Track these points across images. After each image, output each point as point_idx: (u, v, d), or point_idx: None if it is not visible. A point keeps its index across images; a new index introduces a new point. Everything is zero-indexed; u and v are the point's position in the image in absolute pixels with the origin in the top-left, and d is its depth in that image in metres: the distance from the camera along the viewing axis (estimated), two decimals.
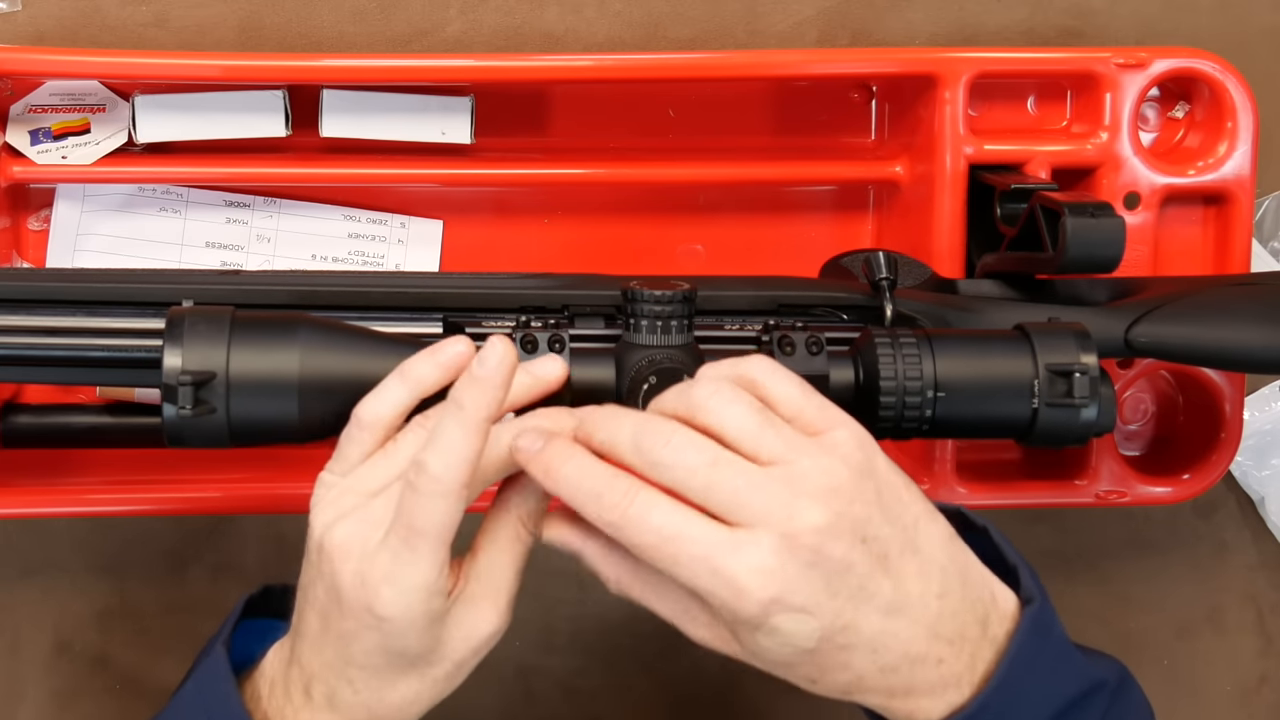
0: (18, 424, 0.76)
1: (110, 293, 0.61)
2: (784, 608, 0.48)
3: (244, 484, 0.75)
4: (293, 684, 0.54)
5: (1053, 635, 0.54)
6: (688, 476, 0.48)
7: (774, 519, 0.48)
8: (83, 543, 0.82)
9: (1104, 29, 0.82)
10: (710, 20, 0.80)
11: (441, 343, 0.54)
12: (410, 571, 0.50)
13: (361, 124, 0.75)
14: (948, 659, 0.51)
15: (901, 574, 0.50)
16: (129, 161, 0.76)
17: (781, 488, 0.48)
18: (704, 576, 0.48)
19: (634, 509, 0.48)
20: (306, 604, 0.53)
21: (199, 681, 0.56)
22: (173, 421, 0.54)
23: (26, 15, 0.77)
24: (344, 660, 0.52)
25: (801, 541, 0.48)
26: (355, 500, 0.52)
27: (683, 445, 0.49)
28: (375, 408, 0.53)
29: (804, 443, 0.50)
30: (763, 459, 0.49)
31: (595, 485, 0.49)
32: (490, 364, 0.49)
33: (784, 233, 0.82)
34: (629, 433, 0.50)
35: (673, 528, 0.48)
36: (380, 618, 0.50)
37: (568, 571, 0.84)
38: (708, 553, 0.48)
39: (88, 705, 0.83)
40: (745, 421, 0.50)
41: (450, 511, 0.49)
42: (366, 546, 0.50)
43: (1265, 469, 0.86)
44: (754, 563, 0.47)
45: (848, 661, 0.50)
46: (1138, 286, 0.71)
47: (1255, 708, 0.89)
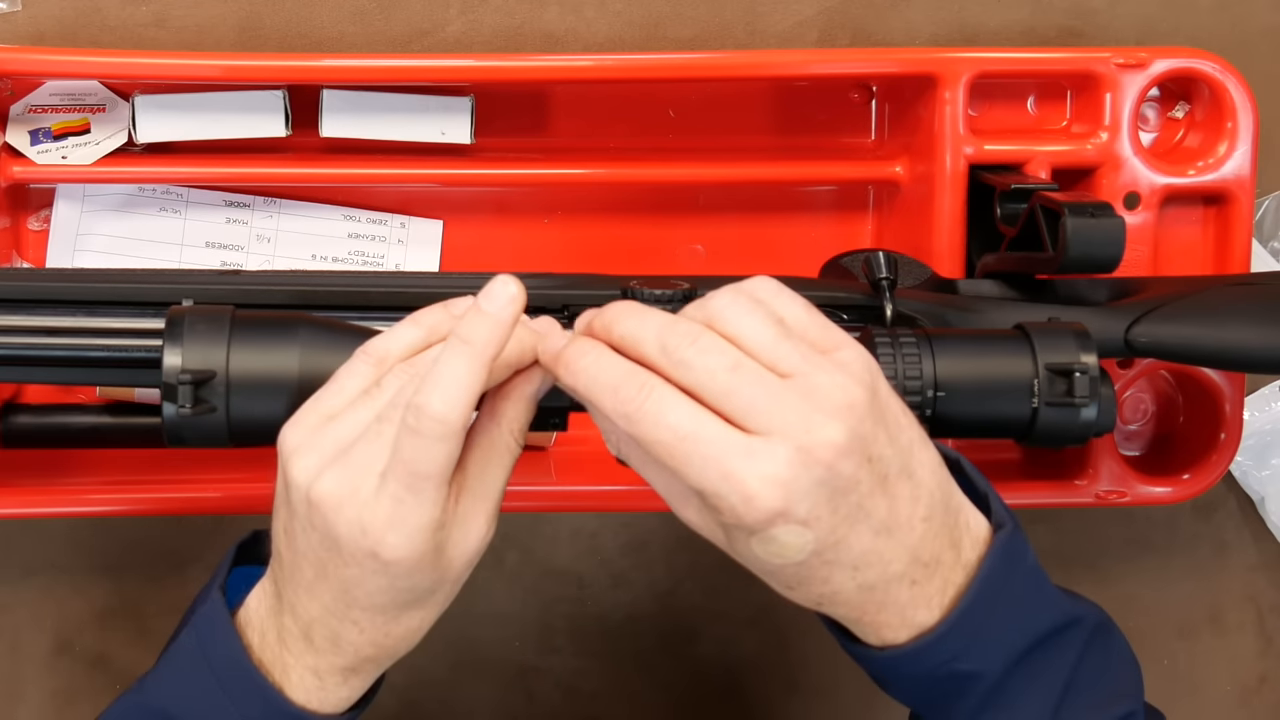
0: (18, 424, 0.76)
1: (110, 293, 0.61)
2: (787, 519, 0.48)
3: (244, 484, 0.75)
4: (287, 632, 0.54)
5: (1024, 562, 0.54)
6: (709, 378, 0.48)
7: (792, 430, 0.47)
8: (83, 543, 0.82)
9: (1104, 29, 0.82)
10: (710, 20, 0.80)
11: (454, 299, 0.54)
12: (415, 515, 0.49)
13: (361, 124, 0.76)
14: (921, 580, 0.51)
15: (896, 495, 0.50)
16: (129, 161, 0.76)
17: (800, 400, 0.48)
18: (714, 479, 0.47)
19: (650, 403, 0.48)
20: (296, 553, 0.53)
21: (198, 631, 0.56)
22: (173, 421, 0.54)
23: (26, 15, 0.77)
24: (346, 604, 0.52)
25: (816, 455, 0.47)
26: (335, 446, 0.51)
27: (708, 347, 0.49)
28: (387, 344, 0.53)
29: (818, 358, 0.49)
30: (780, 370, 0.49)
31: (612, 378, 0.49)
32: (500, 300, 0.49)
33: (784, 233, 0.82)
34: (654, 330, 0.49)
35: (688, 426, 0.47)
36: (387, 562, 0.50)
37: (568, 571, 0.85)
38: (721, 455, 0.47)
39: (87, 705, 0.83)
40: (762, 333, 0.49)
41: (453, 452, 0.49)
42: (360, 494, 0.50)
43: (1265, 469, 0.86)
44: (767, 471, 0.47)
45: (829, 576, 0.50)
46: (1138, 286, 0.71)
47: (1255, 708, 0.89)
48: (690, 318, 0.51)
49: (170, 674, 0.57)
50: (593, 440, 0.73)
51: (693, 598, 0.85)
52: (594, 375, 0.49)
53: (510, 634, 0.85)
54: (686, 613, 0.86)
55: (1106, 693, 0.56)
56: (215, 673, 0.55)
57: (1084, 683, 0.55)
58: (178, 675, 0.56)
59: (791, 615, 0.86)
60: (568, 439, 0.77)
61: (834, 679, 0.87)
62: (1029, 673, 0.54)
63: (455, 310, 0.53)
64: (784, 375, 0.49)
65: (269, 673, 0.55)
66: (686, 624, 0.86)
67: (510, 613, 0.84)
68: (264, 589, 0.56)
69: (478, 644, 0.85)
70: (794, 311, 0.51)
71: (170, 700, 0.56)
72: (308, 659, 0.54)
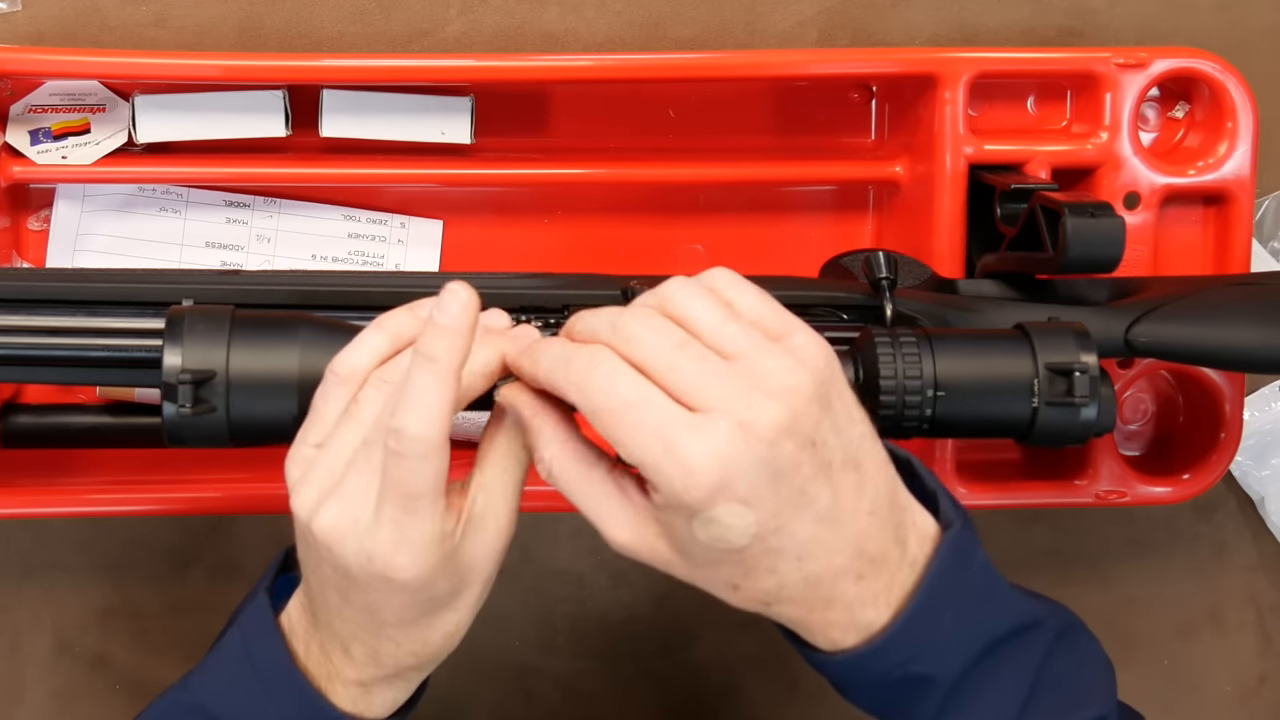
0: (18, 424, 0.76)
1: (110, 293, 0.61)
2: (728, 496, 0.48)
3: (244, 484, 0.75)
4: (328, 646, 0.54)
5: (974, 561, 0.54)
6: (655, 354, 0.49)
7: (732, 407, 0.48)
8: (83, 543, 0.82)
9: (1104, 29, 0.82)
10: (710, 20, 0.80)
11: (419, 300, 0.54)
12: (418, 533, 0.50)
13: (361, 124, 0.76)
14: (867, 575, 0.51)
15: (840, 485, 0.50)
16: (129, 161, 0.76)
17: (743, 380, 0.49)
18: (656, 451, 0.48)
19: (598, 371, 0.49)
20: (319, 581, 0.53)
21: (244, 634, 0.56)
22: (173, 420, 0.54)
23: (26, 15, 0.77)
24: (376, 624, 0.53)
25: (756, 433, 0.48)
26: (328, 476, 0.51)
27: (656, 326, 0.50)
28: (352, 359, 0.53)
29: (766, 343, 0.50)
30: (727, 352, 0.49)
31: (565, 352, 0.50)
32: (453, 311, 0.49)
33: (784, 233, 0.82)
34: (607, 316, 0.51)
35: (634, 396, 0.48)
36: (402, 583, 0.50)
37: (568, 571, 0.85)
38: (663, 427, 0.48)
39: (87, 706, 0.83)
40: (710, 315, 0.50)
41: (440, 466, 0.49)
42: (359, 524, 0.50)
43: (1265, 469, 0.86)
44: (708, 446, 0.47)
45: (774, 565, 0.50)
46: (1138, 286, 0.71)
47: (1255, 708, 0.89)
48: (643, 304, 0.52)
49: (214, 674, 0.57)
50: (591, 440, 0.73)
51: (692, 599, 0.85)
52: (550, 356, 0.50)
53: (510, 634, 0.85)
54: (686, 614, 0.86)
55: (1074, 695, 0.55)
56: (259, 676, 0.55)
57: (1049, 684, 0.54)
58: (222, 676, 0.56)
59: None
60: None
61: None
62: (989, 674, 0.53)
63: (420, 312, 0.54)
64: (731, 357, 0.49)
65: (314, 679, 0.55)
66: (686, 625, 0.86)
67: (510, 613, 0.84)
68: (300, 604, 0.56)
69: (477, 644, 0.84)
70: (746, 299, 0.52)
71: (213, 700, 0.56)
72: (349, 672, 0.54)
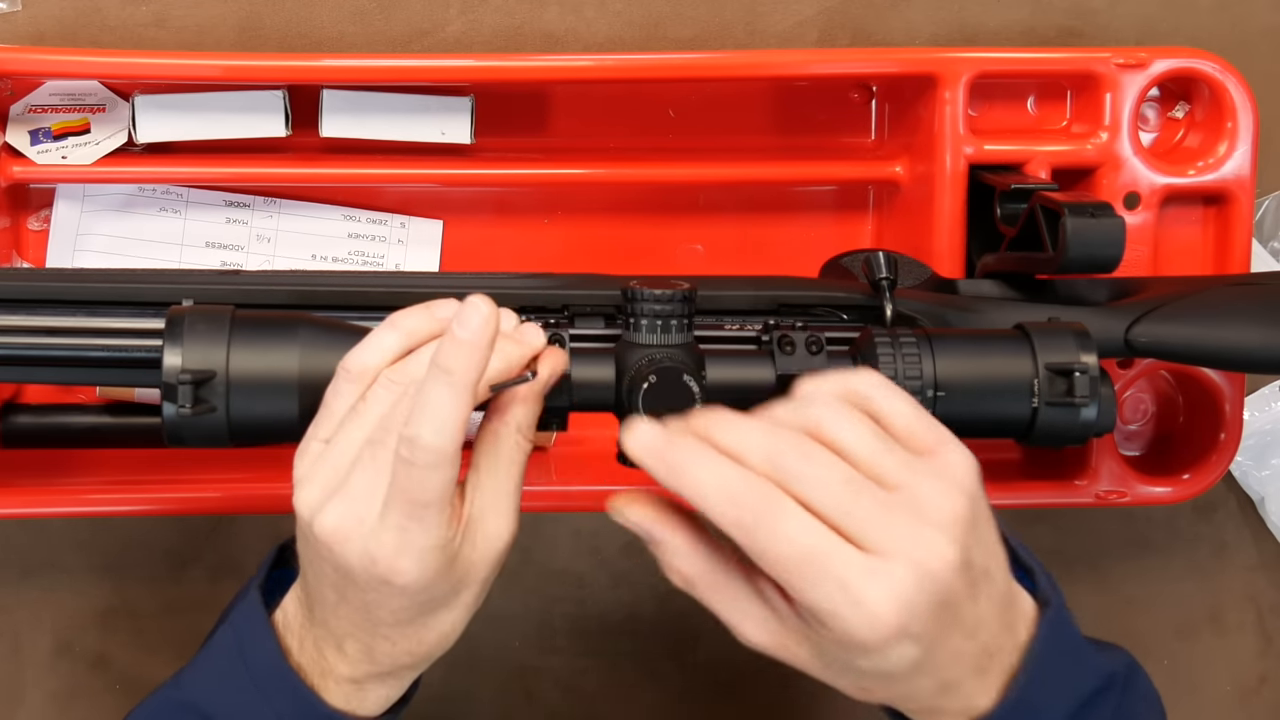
0: (18, 424, 0.76)
1: (110, 293, 0.61)
2: (902, 636, 0.47)
3: (244, 484, 0.75)
4: (322, 642, 0.54)
5: (1069, 636, 0.54)
6: (823, 494, 0.47)
7: (908, 549, 0.47)
8: (83, 543, 0.82)
9: (1104, 29, 0.82)
10: (710, 20, 0.80)
11: (435, 301, 0.54)
12: (421, 539, 0.50)
13: (361, 124, 0.76)
14: (986, 669, 0.52)
15: (979, 596, 0.50)
16: (129, 161, 0.76)
17: (912, 516, 0.48)
18: (835, 597, 0.47)
19: (772, 517, 0.47)
20: (317, 578, 0.53)
21: (236, 631, 0.56)
22: (173, 420, 0.54)
23: (26, 15, 0.77)
24: (372, 622, 0.53)
25: (935, 575, 0.47)
26: (333, 475, 0.51)
27: (818, 460, 0.48)
28: (364, 357, 0.52)
29: (922, 466, 0.49)
30: (887, 482, 0.48)
31: (732, 487, 0.47)
32: (473, 325, 0.48)
33: (784, 233, 0.82)
34: (759, 441, 0.48)
35: (811, 542, 0.47)
36: (401, 586, 0.51)
37: (568, 571, 0.85)
38: (844, 574, 0.47)
39: (87, 706, 0.83)
40: (866, 443, 0.49)
41: (449, 476, 0.49)
42: (363, 526, 0.50)
43: (1265, 469, 0.86)
44: (890, 592, 0.47)
45: (914, 680, 0.50)
46: (1138, 286, 0.71)
47: (1255, 708, 0.89)
48: (789, 422, 0.50)
49: (206, 672, 0.57)
50: (592, 440, 0.73)
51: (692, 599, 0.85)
52: (709, 483, 0.48)
53: (510, 634, 0.85)
54: (687, 614, 0.86)
55: None
56: (251, 673, 0.55)
57: None
58: (214, 673, 0.56)
59: None
60: (568, 439, 0.77)
61: None
62: None
63: (437, 312, 0.53)
64: (890, 487, 0.48)
65: (307, 676, 0.55)
66: (687, 625, 0.86)
67: (510, 613, 0.84)
68: (297, 599, 0.56)
69: (477, 644, 0.84)
70: (898, 409, 0.51)
71: (205, 698, 0.56)
72: (343, 668, 0.54)
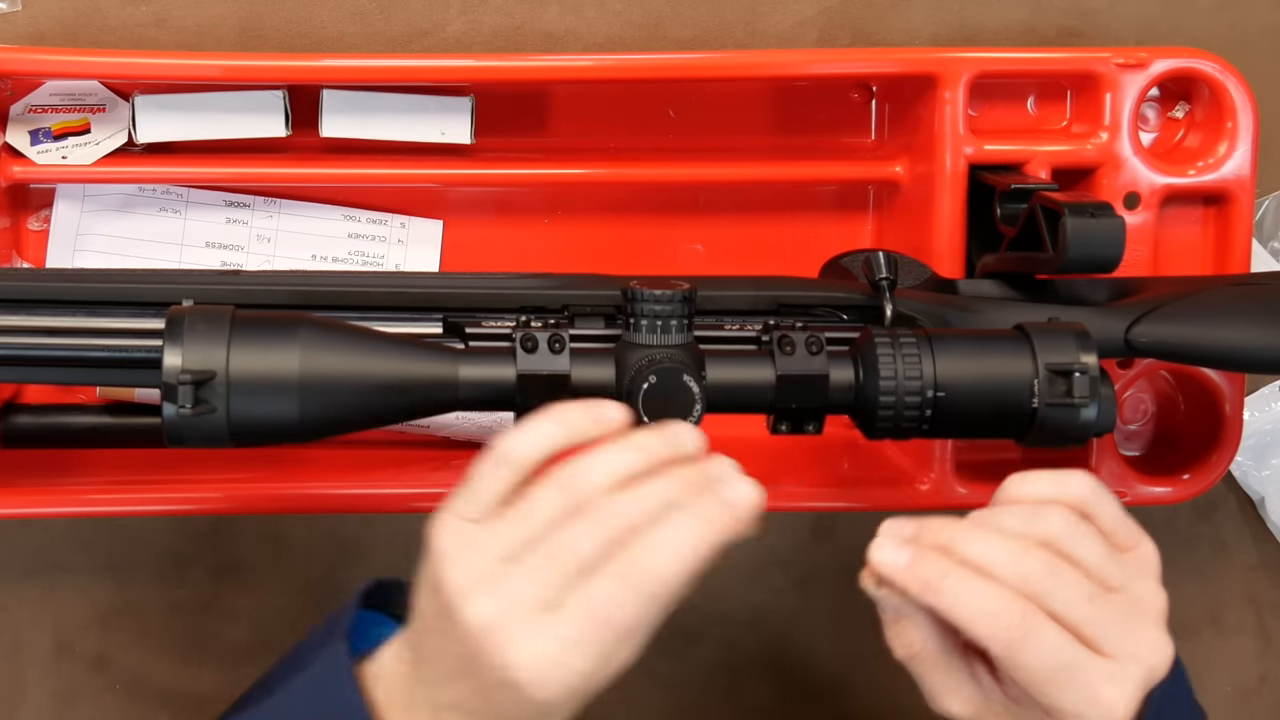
0: (18, 424, 0.76)
1: (110, 293, 0.61)
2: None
3: (244, 484, 0.75)
4: (419, 705, 0.52)
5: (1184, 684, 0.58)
6: (1069, 608, 0.52)
7: (1142, 653, 0.53)
8: (83, 543, 0.82)
9: (1104, 29, 0.82)
10: (710, 20, 0.80)
11: (597, 402, 0.52)
12: (583, 663, 0.48)
13: (361, 124, 0.76)
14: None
15: None
16: (129, 161, 0.76)
17: (1138, 619, 0.54)
18: (1081, 702, 0.52)
19: (1032, 633, 0.52)
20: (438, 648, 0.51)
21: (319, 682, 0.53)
22: (173, 421, 0.54)
23: (26, 15, 0.77)
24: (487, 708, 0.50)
25: (1159, 672, 0.54)
26: (488, 565, 0.49)
27: (1069, 580, 0.53)
28: (523, 446, 0.51)
29: (1131, 567, 0.55)
30: (1109, 585, 0.54)
31: (990, 605, 0.52)
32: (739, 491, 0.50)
33: (784, 233, 0.82)
34: (1008, 559, 0.53)
35: (1066, 655, 0.52)
36: (538, 701, 0.48)
37: None
38: (1091, 683, 0.52)
39: (88, 706, 0.83)
40: (1096, 554, 0.54)
41: (660, 613, 0.49)
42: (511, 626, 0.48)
43: (1265, 469, 0.86)
44: (1129, 694, 0.53)
45: None
46: (1138, 286, 0.71)
47: (1255, 708, 0.89)
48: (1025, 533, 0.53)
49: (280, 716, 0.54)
50: None
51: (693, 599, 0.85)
52: (968, 602, 0.52)
53: None
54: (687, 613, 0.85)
55: None
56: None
57: None
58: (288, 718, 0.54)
59: (792, 616, 0.86)
60: None
61: (834, 680, 0.87)
62: None
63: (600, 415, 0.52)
64: (1111, 590, 0.54)
65: None
66: (687, 625, 0.86)
67: None
68: (400, 654, 0.53)
69: None
70: (1112, 513, 0.56)
71: None
72: None
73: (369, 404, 0.56)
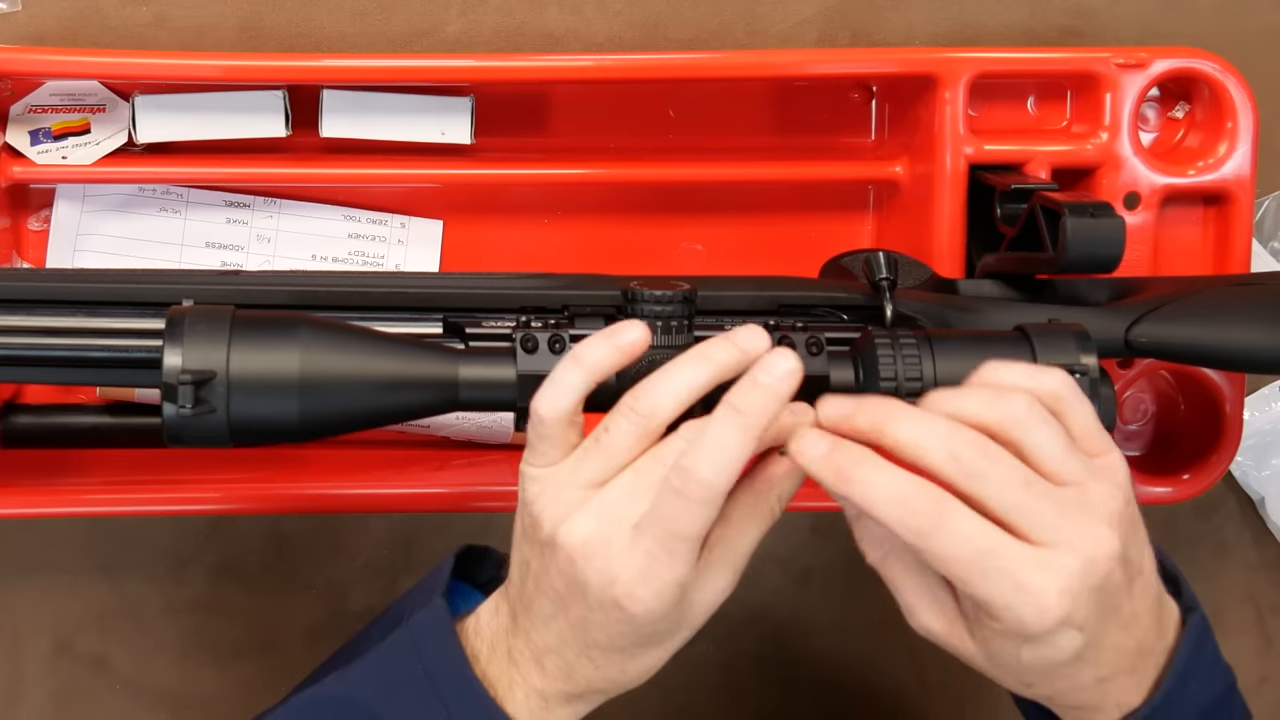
0: (18, 424, 0.76)
1: (110, 293, 0.61)
2: (1067, 625, 0.50)
3: (244, 484, 0.75)
4: (518, 653, 0.54)
5: (1211, 643, 0.57)
6: (1000, 492, 0.49)
7: (1077, 542, 0.50)
8: (83, 543, 0.82)
9: (1104, 29, 0.82)
10: (710, 20, 0.80)
11: (616, 326, 0.53)
12: (667, 573, 0.50)
13: (361, 124, 0.76)
14: (1139, 669, 0.54)
15: (1134, 592, 0.53)
16: (129, 161, 0.76)
17: (1078, 510, 0.50)
18: (1007, 592, 0.49)
19: (945, 520, 0.49)
20: (537, 589, 0.53)
21: (417, 637, 0.55)
22: (173, 421, 0.54)
23: (26, 15, 0.77)
24: (584, 643, 0.53)
25: (1099, 566, 0.50)
26: (577, 493, 0.51)
27: (1001, 460, 0.50)
28: (555, 402, 0.52)
29: (1093, 467, 0.52)
30: (1060, 480, 0.51)
31: (901, 493, 0.49)
32: (777, 373, 0.49)
33: (784, 233, 0.82)
34: (941, 438, 0.50)
35: (986, 543, 0.49)
36: (633, 615, 0.51)
37: None
38: (1016, 570, 0.49)
39: (88, 706, 0.83)
40: (1055, 445, 0.51)
41: (712, 516, 0.50)
42: (611, 545, 0.50)
43: (1265, 469, 0.86)
44: (1059, 583, 0.49)
45: (1076, 673, 0.52)
46: (1138, 286, 0.71)
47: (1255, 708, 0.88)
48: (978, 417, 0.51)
49: (381, 672, 0.56)
50: None
51: None
52: (880, 490, 0.49)
53: None
54: None
55: None
56: (433, 680, 0.54)
57: None
58: (388, 676, 0.55)
59: (790, 614, 0.86)
60: None
61: (832, 679, 0.87)
62: None
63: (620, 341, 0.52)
64: (1063, 484, 0.51)
65: (492, 686, 0.54)
66: None
67: None
68: (498, 607, 0.56)
69: None
70: (1084, 415, 0.53)
71: (377, 700, 0.55)
72: (536, 681, 0.54)
73: (369, 404, 0.56)
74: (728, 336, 0.52)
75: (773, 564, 0.85)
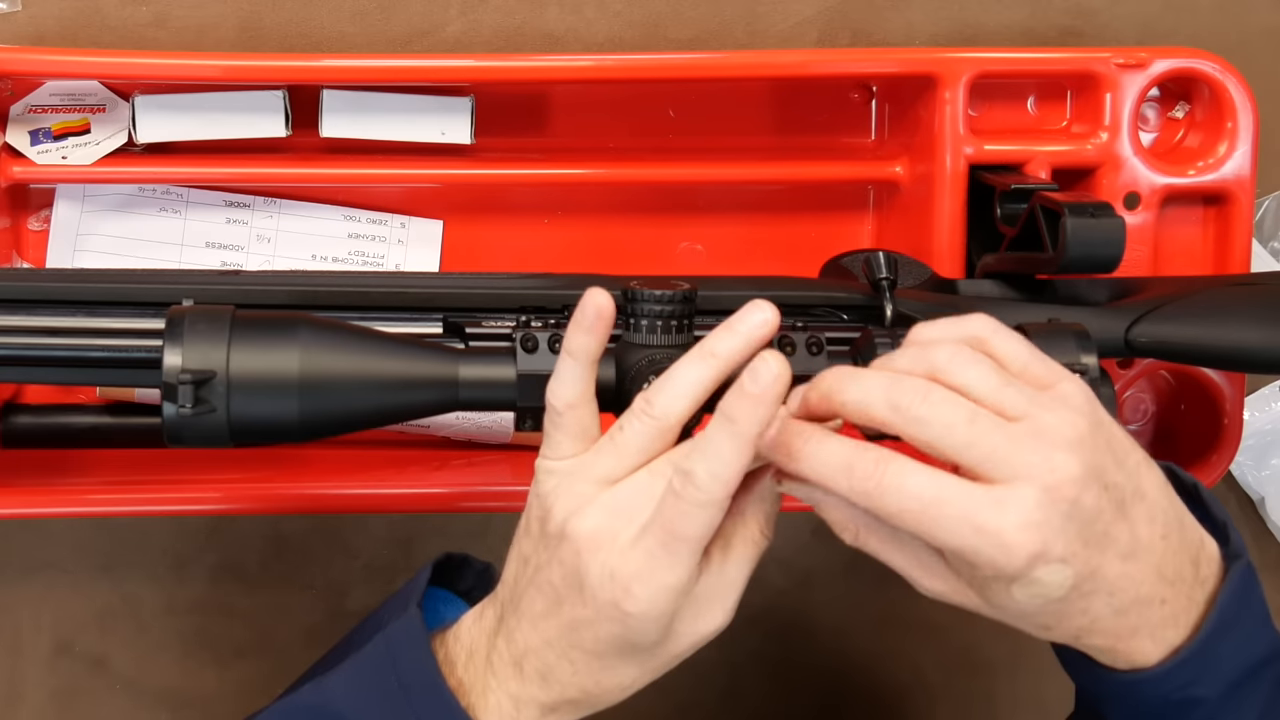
0: (18, 424, 0.76)
1: (110, 293, 0.61)
2: (1046, 559, 0.49)
3: (244, 484, 0.75)
4: (498, 656, 0.54)
5: (1257, 593, 0.55)
6: (946, 432, 0.49)
7: (1034, 472, 0.48)
8: (83, 543, 0.82)
9: (1104, 29, 0.82)
10: (710, 20, 0.80)
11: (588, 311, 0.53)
12: (665, 574, 0.50)
13: (361, 124, 0.76)
14: (1169, 599, 0.52)
15: (1134, 518, 0.51)
16: (129, 161, 0.76)
17: (1031, 441, 0.49)
18: (967, 536, 0.48)
19: (889, 477, 0.48)
20: (532, 585, 0.53)
21: (392, 646, 0.55)
22: (173, 421, 0.54)
23: (26, 15, 0.77)
24: (569, 643, 0.53)
25: (1061, 493, 0.48)
26: (590, 488, 0.52)
27: (940, 400, 0.49)
28: (564, 392, 0.53)
29: (1041, 397, 0.50)
30: (1008, 414, 0.49)
31: (843, 458, 0.49)
32: (764, 380, 0.49)
33: (784, 233, 0.82)
34: (880, 391, 0.50)
35: (931, 491, 0.48)
36: (626, 613, 0.51)
37: None
38: (970, 512, 0.48)
39: (88, 706, 0.83)
40: (988, 381, 0.50)
41: (713, 520, 0.50)
42: (617, 540, 0.51)
43: (1265, 469, 0.86)
44: (1020, 518, 0.48)
45: (1087, 607, 0.51)
46: (1138, 286, 0.71)
47: None
48: (910, 370, 0.51)
49: (354, 683, 0.56)
50: None
51: None
52: (822, 458, 0.50)
53: None
54: None
55: None
56: (405, 690, 0.54)
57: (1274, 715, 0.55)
58: (363, 686, 0.55)
59: (792, 615, 0.86)
60: None
61: (833, 680, 0.87)
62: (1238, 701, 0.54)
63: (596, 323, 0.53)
64: (1011, 419, 0.49)
65: (466, 693, 0.54)
66: None
67: None
68: (483, 611, 0.56)
69: None
70: (1012, 349, 0.52)
71: (350, 708, 0.55)
72: (511, 686, 0.54)
73: (369, 404, 0.56)
74: (729, 324, 0.52)
75: (774, 566, 0.85)
